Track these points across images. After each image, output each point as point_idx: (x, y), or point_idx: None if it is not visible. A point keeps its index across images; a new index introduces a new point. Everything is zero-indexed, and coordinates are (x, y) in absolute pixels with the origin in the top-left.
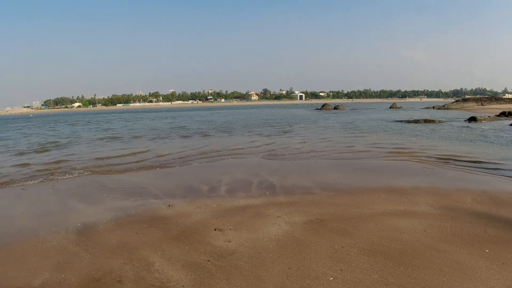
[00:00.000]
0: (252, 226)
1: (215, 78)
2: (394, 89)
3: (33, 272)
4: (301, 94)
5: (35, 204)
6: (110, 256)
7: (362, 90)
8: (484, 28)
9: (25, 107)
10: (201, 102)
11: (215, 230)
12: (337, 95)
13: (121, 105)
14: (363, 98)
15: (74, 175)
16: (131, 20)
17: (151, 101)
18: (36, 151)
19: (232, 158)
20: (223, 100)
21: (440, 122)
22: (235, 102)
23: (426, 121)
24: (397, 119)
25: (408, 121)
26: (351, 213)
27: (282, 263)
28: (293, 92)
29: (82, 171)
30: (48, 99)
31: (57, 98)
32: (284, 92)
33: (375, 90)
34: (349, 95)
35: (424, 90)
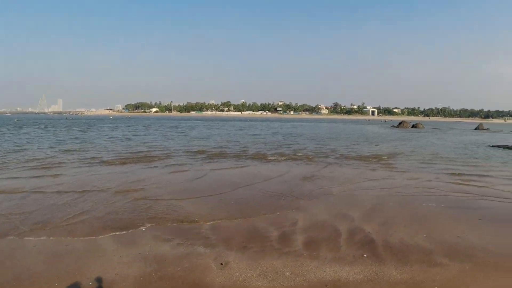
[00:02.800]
0: None
1: (285, 90)
2: (476, 108)
3: None
4: (373, 109)
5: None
6: None
7: (440, 107)
8: None
9: (107, 109)
10: (270, 113)
11: None
12: (412, 112)
13: (194, 112)
14: (441, 116)
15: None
16: (203, 33)
17: (222, 110)
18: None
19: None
20: (292, 112)
21: None
22: (304, 115)
23: None
24: (491, 144)
25: (508, 147)
26: None
27: None
28: (365, 107)
29: None
30: (129, 103)
31: (137, 103)
32: (355, 107)
33: (455, 109)
34: (426, 113)
35: (510, 111)
